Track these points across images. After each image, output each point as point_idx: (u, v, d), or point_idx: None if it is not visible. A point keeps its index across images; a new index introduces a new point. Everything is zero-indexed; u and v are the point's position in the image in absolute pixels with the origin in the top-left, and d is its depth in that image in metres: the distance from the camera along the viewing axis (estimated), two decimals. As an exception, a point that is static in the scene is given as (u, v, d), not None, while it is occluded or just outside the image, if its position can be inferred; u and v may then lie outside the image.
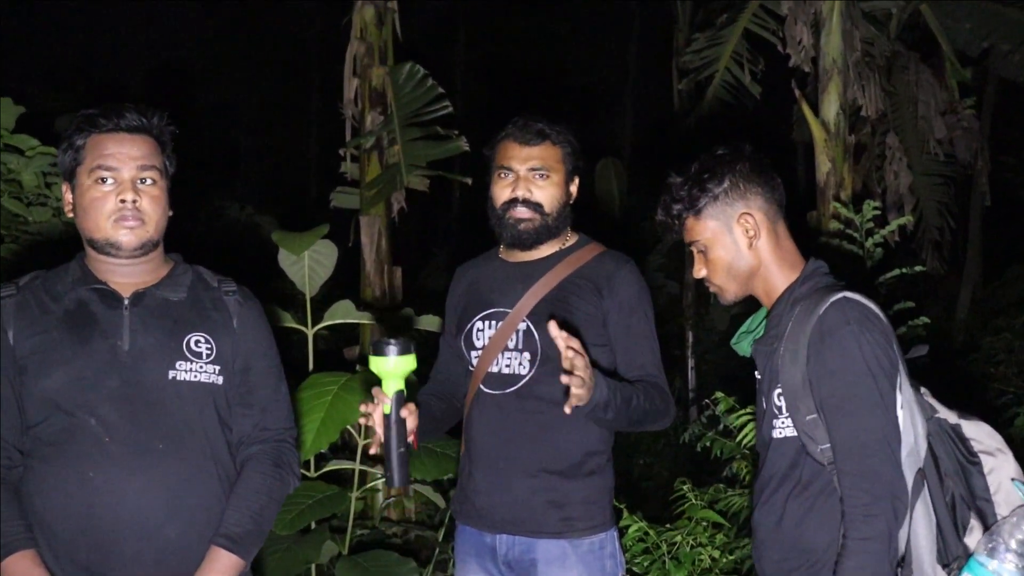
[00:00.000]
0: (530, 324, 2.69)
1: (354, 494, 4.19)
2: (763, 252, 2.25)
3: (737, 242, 2.24)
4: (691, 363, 9.90)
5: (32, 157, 4.71)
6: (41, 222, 4.85)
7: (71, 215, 2.30)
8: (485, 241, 2.93)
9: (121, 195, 2.22)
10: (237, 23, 19.09)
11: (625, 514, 3.63)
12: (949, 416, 2.17)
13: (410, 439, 2.42)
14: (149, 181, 2.26)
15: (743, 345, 2.41)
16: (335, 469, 4.36)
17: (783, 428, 2.18)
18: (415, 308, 5.09)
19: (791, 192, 2.35)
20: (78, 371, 2.20)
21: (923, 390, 2.19)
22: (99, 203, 2.22)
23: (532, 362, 2.68)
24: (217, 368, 2.31)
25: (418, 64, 5.94)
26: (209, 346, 2.31)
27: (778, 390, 2.16)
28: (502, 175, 2.75)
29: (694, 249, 2.33)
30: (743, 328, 2.43)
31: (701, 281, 2.36)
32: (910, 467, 2.06)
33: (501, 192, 2.75)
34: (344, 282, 5.93)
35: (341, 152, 6.31)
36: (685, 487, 3.67)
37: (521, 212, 2.71)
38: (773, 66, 7.25)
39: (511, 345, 2.71)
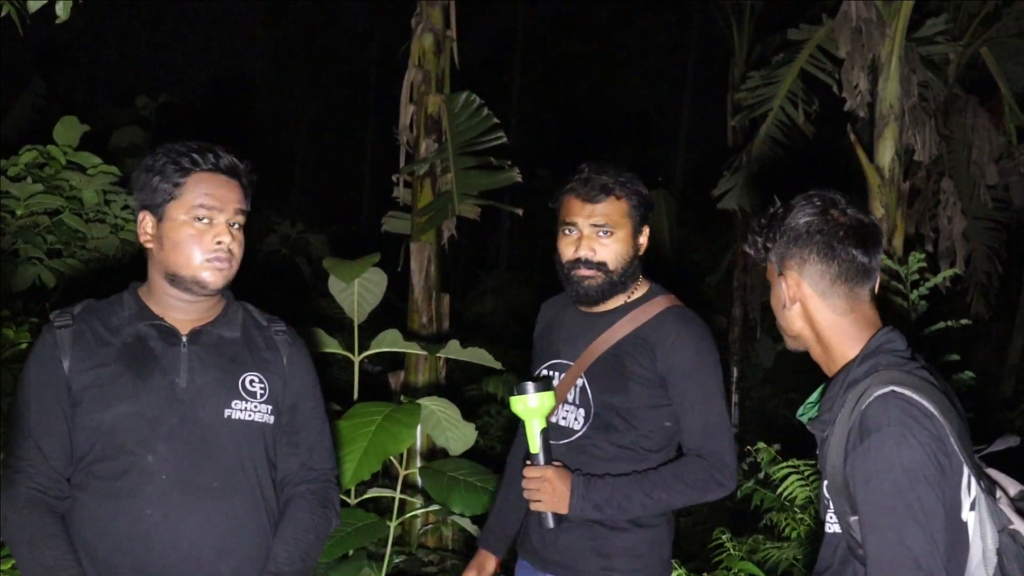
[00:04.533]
0: (586, 382, 2.69)
1: (393, 523, 4.20)
2: (811, 322, 2.02)
3: (781, 296, 2.04)
4: (735, 399, 9.83)
5: (94, 175, 4.81)
6: (99, 238, 4.95)
7: (149, 246, 2.29)
8: (533, 267, 2.94)
9: (218, 237, 2.23)
10: (298, 42, 19.36)
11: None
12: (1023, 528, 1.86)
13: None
14: (239, 225, 2.29)
15: (806, 418, 2.14)
16: (375, 496, 4.38)
17: (832, 523, 1.97)
18: (461, 335, 5.10)
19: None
20: (137, 407, 2.21)
21: (999, 495, 1.90)
22: (194, 241, 2.23)
23: (585, 418, 2.68)
24: (269, 408, 2.33)
25: (474, 93, 6.00)
26: (263, 386, 2.34)
27: (827, 482, 1.95)
28: (566, 231, 2.69)
29: None
30: (811, 399, 2.16)
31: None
32: None
33: (566, 249, 2.69)
34: (391, 304, 5.96)
35: (394, 177, 6.37)
36: (724, 536, 3.65)
37: (584, 271, 2.65)
38: (824, 100, 7.22)
39: (569, 398, 2.71)
